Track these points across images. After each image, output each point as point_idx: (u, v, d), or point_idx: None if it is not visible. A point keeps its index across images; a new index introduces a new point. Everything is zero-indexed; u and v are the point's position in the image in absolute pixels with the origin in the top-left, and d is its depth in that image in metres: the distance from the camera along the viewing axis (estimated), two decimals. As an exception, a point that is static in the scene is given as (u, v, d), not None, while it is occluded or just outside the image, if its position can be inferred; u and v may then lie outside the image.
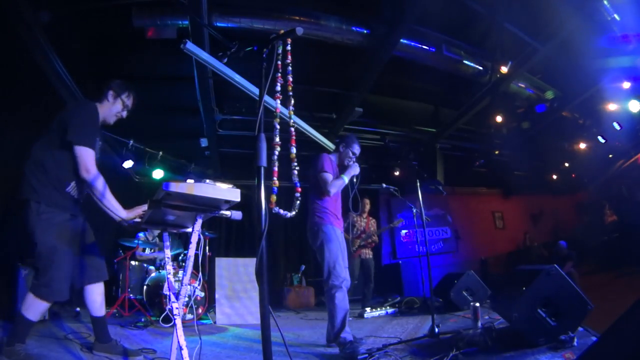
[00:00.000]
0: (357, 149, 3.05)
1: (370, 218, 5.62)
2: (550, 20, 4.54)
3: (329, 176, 2.85)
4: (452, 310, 4.34)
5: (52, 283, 2.01)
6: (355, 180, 2.94)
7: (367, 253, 5.38)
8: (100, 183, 2.07)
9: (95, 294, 2.26)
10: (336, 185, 2.84)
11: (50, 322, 3.32)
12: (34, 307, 2.01)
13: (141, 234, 4.69)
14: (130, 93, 2.42)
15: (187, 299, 3.12)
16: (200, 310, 4.22)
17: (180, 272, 4.16)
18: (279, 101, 1.61)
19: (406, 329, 3.60)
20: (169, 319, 3.43)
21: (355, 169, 2.94)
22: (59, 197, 2.10)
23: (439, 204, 9.07)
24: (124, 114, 2.43)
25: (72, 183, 2.14)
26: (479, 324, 2.99)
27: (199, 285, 3.99)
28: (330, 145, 5.60)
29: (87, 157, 2.05)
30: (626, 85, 5.81)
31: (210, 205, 1.73)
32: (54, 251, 2.02)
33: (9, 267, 3.33)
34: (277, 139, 1.53)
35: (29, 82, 4.10)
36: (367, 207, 5.60)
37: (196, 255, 1.84)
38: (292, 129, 1.70)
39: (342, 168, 3.02)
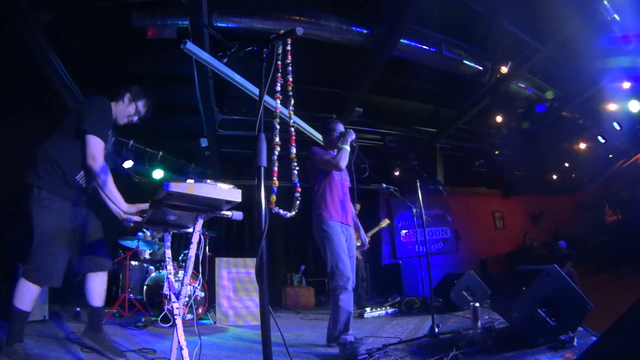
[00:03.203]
0: (338, 125, 2.99)
1: None
2: (551, 20, 4.54)
3: (328, 156, 2.80)
4: (452, 310, 4.33)
5: (44, 266, 2.02)
6: (355, 144, 2.83)
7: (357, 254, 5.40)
8: (105, 172, 2.08)
9: (96, 284, 2.25)
10: (341, 156, 2.71)
11: (50, 322, 3.32)
12: (25, 294, 1.99)
13: (141, 234, 4.69)
14: (147, 102, 2.44)
15: (187, 299, 3.11)
16: (200, 311, 4.22)
17: (180, 272, 4.16)
18: (279, 101, 1.61)
19: (406, 329, 3.59)
20: (168, 319, 3.46)
21: (351, 134, 2.82)
22: (63, 187, 2.11)
23: (439, 204, 9.07)
24: (135, 119, 2.45)
25: (81, 172, 2.16)
26: (479, 324, 2.99)
27: (198, 285, 3.99)
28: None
29: (96, 145, 2.07)
30: (626, 85, 5.81)
31: (211, 206, 1.73)
32: (49, 236, 2.03)
33: (9, 266, 3.33)
34: (277, 139, 1.53)
35: (29, 82, 4.10)
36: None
37: (196, 255, 1.84)
38: (292, 129, 1.70)
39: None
